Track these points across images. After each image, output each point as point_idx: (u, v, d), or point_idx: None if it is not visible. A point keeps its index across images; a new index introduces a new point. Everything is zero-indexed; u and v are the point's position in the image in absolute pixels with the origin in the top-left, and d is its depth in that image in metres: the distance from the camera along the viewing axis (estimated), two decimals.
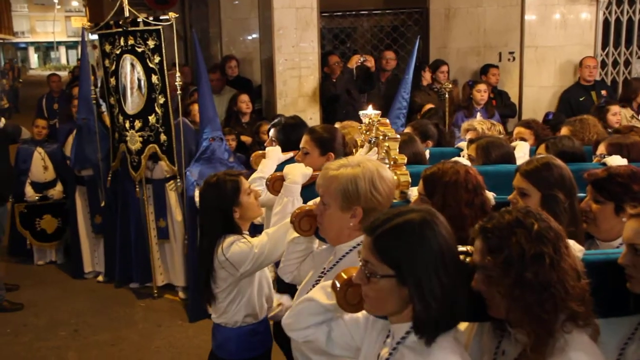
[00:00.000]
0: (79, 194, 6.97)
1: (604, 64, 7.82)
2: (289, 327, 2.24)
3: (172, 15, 5.42)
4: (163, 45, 5.50)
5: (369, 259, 1.83)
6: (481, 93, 7.04)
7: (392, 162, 2.84)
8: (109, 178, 6.36)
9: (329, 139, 3.56)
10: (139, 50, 5.68)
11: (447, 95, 6.62)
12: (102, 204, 6.59)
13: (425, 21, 8.33)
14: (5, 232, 6.63)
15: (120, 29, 5.77)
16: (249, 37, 9.00)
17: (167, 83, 5.54)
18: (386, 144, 2.90)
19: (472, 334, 2.08)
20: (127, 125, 5.95)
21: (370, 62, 7.26)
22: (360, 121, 5.32)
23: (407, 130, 4.49)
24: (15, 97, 22.16)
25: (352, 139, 3.64)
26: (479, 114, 6.89)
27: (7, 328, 5.87)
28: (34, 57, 58.51)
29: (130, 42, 5.72)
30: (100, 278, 6.94)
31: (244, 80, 8.35)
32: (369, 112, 4.89)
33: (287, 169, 3.18)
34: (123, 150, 6.14)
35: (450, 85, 6.86)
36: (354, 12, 8.45)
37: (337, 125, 4.34)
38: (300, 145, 3.59)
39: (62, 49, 59.88)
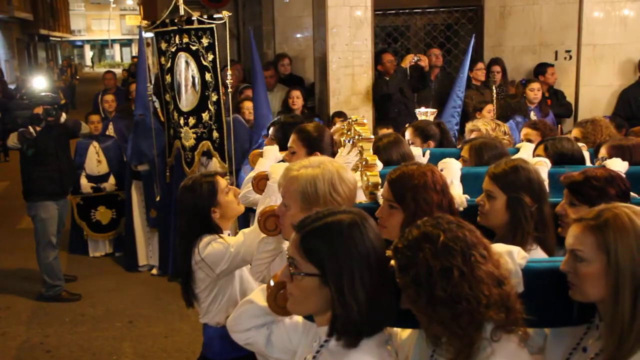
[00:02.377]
0: (135, 189, 7.15)
1: None
2: (230, 329, 2.21)
3: (225, 13, 5.48)
4: (216, 43, 5.57)
5: (294, 256, 1.81)
6: (535, 92, 6.90)
7: (363, 163, 2.79)
8: (168, 174, 6.47)
9: (317, 138, 3.49)
10: (194, 48, 5.76)
11: (495, 90, 6.47)
12: (158, 199, 6.72)
13: (479, 19, 8.22)
14: (65, 225, 6.84)
15: (175, 27, 5.87)
16: (302, 35, 9.05)
17: (219, 81, 5.61)
18: (360, 144, 2.85)
19: (415, 339, 2.03)
20: (182, 121, 6.05)
21: (424, 62, 7.20)
22: (412, 120, 5.30)
23: (408, 130, 4.41)
24: (72, 94, 22.78)
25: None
26: (532, 113, 6.77)
27: (66, 317, 6.07)
28: (89, 55, 60.01)
29: (185, 40, 5.81)
30: (154, 271, 7.10)
31: (296, 78, 8.40)
32: (425, 110, 4.89)
33: (272, 168, 3.13)
34: (178, 147, 6.25)
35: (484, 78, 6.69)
36: (407, 10, 8.38)
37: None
38: (288, 145, 3.55)
39: (117, 47, 61.26)
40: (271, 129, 4.13)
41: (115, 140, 7.70)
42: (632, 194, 2.63)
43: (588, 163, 3.63)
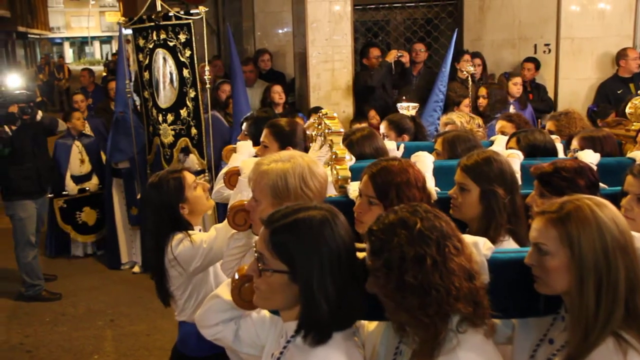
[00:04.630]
0: (115, 186, 7.11)
1: None
2: (199, 324, 2.18)
3: (202, 9, 5.45)
4: (194, 39, 5.54)
5: (263, 252, 1.78)
6: (517, 86, 6.94)
7: (333, 157, 2.77)
8: (149, 171, 6.44)
9: (289, 132, 3.46)
10: (171, 44, 5.73)
11: (470, 81, 6.46)
12: (139, 196, 6.68)
13: (459, 13, 8.24)
14: (44, 223, 6.77)
15: (152, 24, 5.83)
16: (282, 31, 9.01)
17: (197, 77, 5.57)
18: (330, 137, 2.83)
19: (381, 331, 2.03)
20: (160, 118, 6.02)
21: (405, 58, 7.22)
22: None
23: (383, 124, 4.40)
24: (50, 92, 22.51)
25: None
26: (512, 107, 6.80)
27: (46, 317, 6.02)
28: (69, 52, 59.42)
29: (163, 36, 5.78)
30: (136, 269, 7.07)
31: (276, 73, 8.36)
32: (406, 105, 4.89)
33: (243, 163, 3.10)
34: (157, 144, 6.21)
35: (473, 70, 6.69)
36: (387, 5, 8.39)
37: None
38: (261, 139, 3.52)
39: (96, 44, 60.73)
40: (244, 124, 4.10)
41: (96, 139, 7.62)
42: (601, 184, 2.64)
43: (561, 155, 3.65)
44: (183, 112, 5.82)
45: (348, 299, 1.76)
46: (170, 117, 5.95)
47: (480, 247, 1.90)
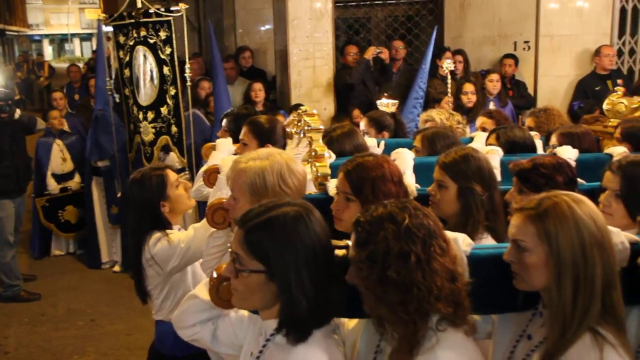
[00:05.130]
0: (95, 185, 7.06)
1: (620, 53, 7.73)
2: (176, 325, 2.17)
3: (182, 6, 5.42)
4: (174, 36, 5.50)
5: (239, 252, 1.77)
6: (493, 83, 6.98)
7: (312, 153, 2.77)
8: (130, 169, 6.37)
9: (268, 130, 3.45)
10: (151, 41, 5.69)
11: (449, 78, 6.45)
12: (119, 195, 6.63)
13: (440, 11, 8.26)
14: (22, 223, 6.70)
15: (132, 20, 5.79)
16: (263, 28, 8.99)
17: (177, 74, 5.54)
18: (309, 134, 2.83)
19: (362, 329, 2.03)
20: (141, 116, 5.98)
21: (385, 54, 7.23)
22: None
23: (363, 121, 4.41)
24: (29, 90, 22.24)
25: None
26: (492, 104, 6.84)
27: (25, 318, 5.95)
28: (48, 50, 58.78)
29: (143, 33, 5.74)
30: (116, 268, 7.02)
31: (257, 70, 8.34)
32: (386, 102, 4.90)
33: (222, 161, 3.10)
34: (138, 142, 6.17)
35: (452, 67, 6.69)
36: (368, 2, 8.39)
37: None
38: (240, 137, 3.51)
39: (77, 41, 60.12)
40: (224, 121, 4.08)
41: (78, 137, 7.53)
42: (579, 180, 2.66)
43: (540, 151, 3.68)
44: (163, 110, 5.78)
45: (326, 295, 1.76)
46: (150, 115, 5.91)
47: (459, 243, 1.90)
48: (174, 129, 5.75)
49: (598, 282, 1.76)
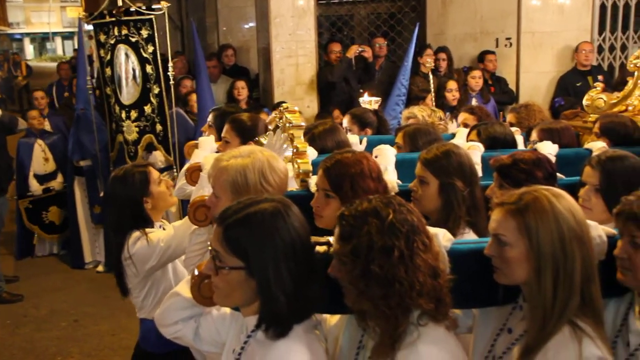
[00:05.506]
0: (77, 185, 7.00)
1: (600, 49, 7.80)
2: (158, 323, 2.17)
3: (164, 4, 5.39)
4: (156, 34, 5.48)
5: (218, 249, 1.78)
6: (476, 79, 7.03)
7: (294, 150, 2.78)
8: (112, 169, 6.33)
9: (250, 127, 3.46)
10: (133, 40, 5.66)
11: (431, 76, 6.49)
12: (101, 194, 6.59)
13: (422, 8, 8.29)
14: (4, 224, 6.64)
15: (113, 19, 5.75)
16: (246, 26, 8.97)
17: (161, 73, 5.52)
18: (290, 131, 2.83)
19: (344, 325, 2.04)
20: (124, 115, 5.95)
21: (367, 53, 7.24)
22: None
23: (346, 117, 4.44)
24: (10, 89, 22.01)
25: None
26: (474, 100, 6.88)
27: (7, 319, 5.90)
28: (29, 49, 58.19)
29: (124, 31, 5.70)
30: (100, 268, 6.98)
31: (240, 68, 8.32)
32: (369, 99, 4.91)
33: (205, 159, 3.10)
34: (120, 141, 6.13)
35: (433, 64, 6.72)
36: (350, 0, 8.41)
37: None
38: (222, 134, 3.51)
39: (58, 40, 59.57)
40: (210, 116, 4.07)
41: (60, 136, 7.46)
42: (559, 175, 2.69)
43: (521, 146, 3.71)
44: (147, 109, 5.76)
45: (305, 291, 1.76)
46: (133, 114, 5.88)
47: (440, 238, 1.92)
48: (158, 127, 5.73)
49: (577, 276, 1.78)
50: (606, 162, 2.52)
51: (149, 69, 5.63)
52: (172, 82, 5.61)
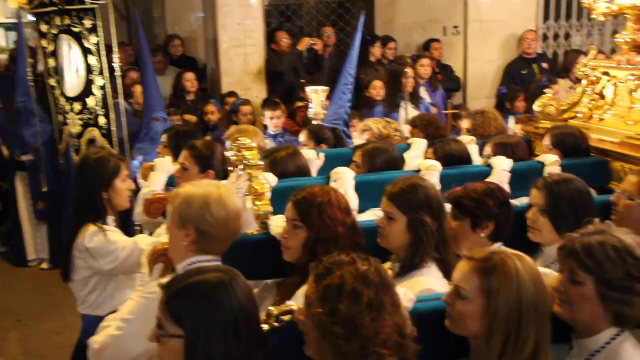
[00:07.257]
0: (19, 180, 6.77)
1: (545, 38, 7.95)
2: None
3: None
4: (100, 25, 5.33)
5: (161, 318, 1.77)
6: (425, 67, 7.07)
7: (253, 192, 2.74)
8: (61, 161, 6.16)
9: (209, 155, 3.46)
10: (76, 30, 5.50)
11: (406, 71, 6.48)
12: (45, 189, 6.41)
13: None
14: None
15: (55, 8, 5.57)
16: (194, 16, 8.82)
17: (105, 64, 5.38)
18: (248, 171, 2.78)
19: None
20: (68, 108, 5.78)
21: (319, 46, 7.22)
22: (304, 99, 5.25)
23: (303, 134, 4.46)
24: None
25: (258, 145, 3.40)
26: (423, 89, 6.91)
27: None
28: None
29: (67, 21, 5.53)
30: (44, 265, 6.78)
31: (188, 59, 8.19)
32: (316, 89, 4.89)
33: (158, 162, 3.20)
34: (68, 133, 5.96)
35: (409, 60, 6.74)
36: None
37: (234, 128, 4.41)
38: (180, 161, 3.49)
39: (1, 31, 57.86)
40: (164, 136, 4.01)
41: None
42: (512, 201, 2.71)
43: (476, 157, 3.78)
44: (90, 101, 5.61)
45: None
46: (77, 107, 5.72)
47: (401, 297, 1.90)
48: (102, 120, 5.59)
49: (529, 346, 1.81)
50: (552, 185, 2.62)
51: (92, 60, 5.48)
52: (117, 73, 5.48)
